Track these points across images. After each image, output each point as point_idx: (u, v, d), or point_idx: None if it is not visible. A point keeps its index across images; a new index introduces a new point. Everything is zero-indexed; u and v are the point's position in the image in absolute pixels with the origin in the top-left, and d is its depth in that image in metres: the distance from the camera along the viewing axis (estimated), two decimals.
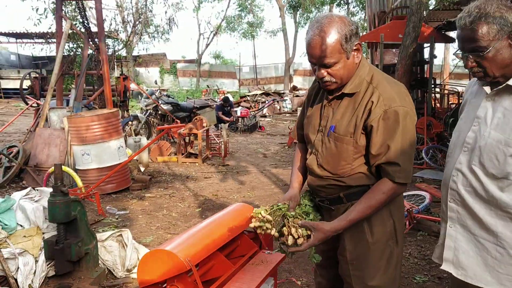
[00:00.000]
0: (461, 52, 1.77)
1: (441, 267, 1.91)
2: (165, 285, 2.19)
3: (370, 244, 2.05)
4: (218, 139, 10.55)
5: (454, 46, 29.66)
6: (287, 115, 19.57)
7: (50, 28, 17.92)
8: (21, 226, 3.79)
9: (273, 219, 1.96)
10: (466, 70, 1.84)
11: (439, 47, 30.40)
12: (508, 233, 1.70)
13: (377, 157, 1.94)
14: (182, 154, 9.26)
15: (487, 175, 1.72)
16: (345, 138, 1.98)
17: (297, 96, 21.70)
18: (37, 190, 4.18)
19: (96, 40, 7.97)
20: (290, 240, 1.94)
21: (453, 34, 14.33)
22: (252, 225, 1.99)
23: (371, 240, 2.04)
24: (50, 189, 3.62)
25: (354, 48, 1.94)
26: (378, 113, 1.91)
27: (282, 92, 23.39)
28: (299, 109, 18.70)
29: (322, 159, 2.08)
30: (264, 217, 1.95)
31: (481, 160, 1.73)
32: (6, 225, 3.68)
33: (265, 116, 18.28)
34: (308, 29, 1.94)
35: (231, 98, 16.60)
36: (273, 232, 1.96)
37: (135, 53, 29.07)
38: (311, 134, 2.16)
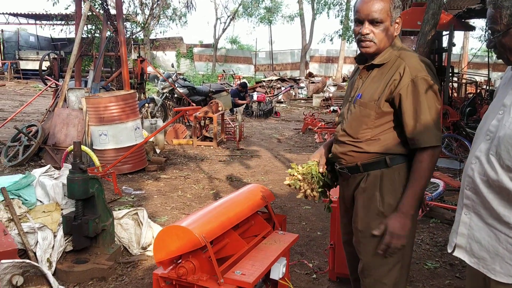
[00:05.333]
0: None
1: (453, 254, 1.87)
2: (180, 260, 2.24)
3: (380, 214, 2.15)
4: (233, 123, 10.60)
5: (473, 35, 29.20)
6: (302, 101, 19.53)
7: (67, 8, 18.02)
8: (40, 201, 3.89)
9: (304, 178, 2.31)
10: (485, 60, 1.79)
11: (458, 36, 29.94)
12: None
13: (412, 128, 2.06)
14: (197, 137, 9.33)
15: (502, 167, 1.65)
16: (369, 104, 2.13)
17: (312, 82, 21.60)
18: (63, 166, 4.27)
19: (114, 22, 8.03)
20: (300, 195, 2.34)
21: (472, 22, 14.07)
22: (286, 182, 2.35)
23: (382, 210, 2.14)
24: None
25: (396, 21, 2.14)
26: (406, 82, 2.06)
27: (297, 78, 23.30)
28: (315, 95, 18.74)
29: (346, 124, 2.23)
30: (296, 176, 2.32)
31: (498, 150, 1.66)
32: (26, 200, 3.79)
33: (280, 102, 18.26)
34: None
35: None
36: (307, 189, 2.33)
37: (152, 36, 29.12)
38: (342, 107, 2.35)
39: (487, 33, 1.78)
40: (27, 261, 2.85)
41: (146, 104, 10.28)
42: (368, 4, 2.08)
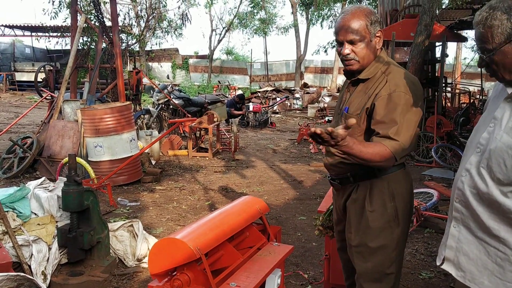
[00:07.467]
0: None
1: (441, 267, 1.88)
2: (175, 273, 2.25)
3: (370, 221, 2.19)
4: (228, 134, 10.62)
5: (466, 45, 29.44)
6: (298, 112, 19.59)
7: (65, 21, 18.08)
8: (35, 214, 3.88)
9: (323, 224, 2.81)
10: (478, 70, 1.81)
11: (451, 46, 30.23)
12: (511, 238, 1.65)
13: (377, 126, 2.05)
14: (193, 148, 9.35)
15: (493, 179, 1.65)
16: (353, 117, 2.15)
17: (307, 93, 21.67)
18: (58, 179, 4.26)
19: (110, 34, 8.07)
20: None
21: (465, 33, 14.21)
22: (316, 233, 2.89)
23: (370, 219, 2.19)
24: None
25: (377, 34, 2.19)
26: (383, 95, 2.09)
27: (292, 89, 23.38)
28: (310, 105, 18.81)
29: None
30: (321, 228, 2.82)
31: (489, 163, 1.66)
32: (21, 213, 3.78)
33: (276, 113, 18.31)
34: (339, 14, 2.22)
35: None
36: (328, 232, 2.80)
37: (147, 48, 29.15)
38: (333, 120, 2.43)
39: (477, 53, 1.78)
40: (22, 274, 2.83)
41: (142, 116, 10.30)
42: (344, 26, 2.14)
